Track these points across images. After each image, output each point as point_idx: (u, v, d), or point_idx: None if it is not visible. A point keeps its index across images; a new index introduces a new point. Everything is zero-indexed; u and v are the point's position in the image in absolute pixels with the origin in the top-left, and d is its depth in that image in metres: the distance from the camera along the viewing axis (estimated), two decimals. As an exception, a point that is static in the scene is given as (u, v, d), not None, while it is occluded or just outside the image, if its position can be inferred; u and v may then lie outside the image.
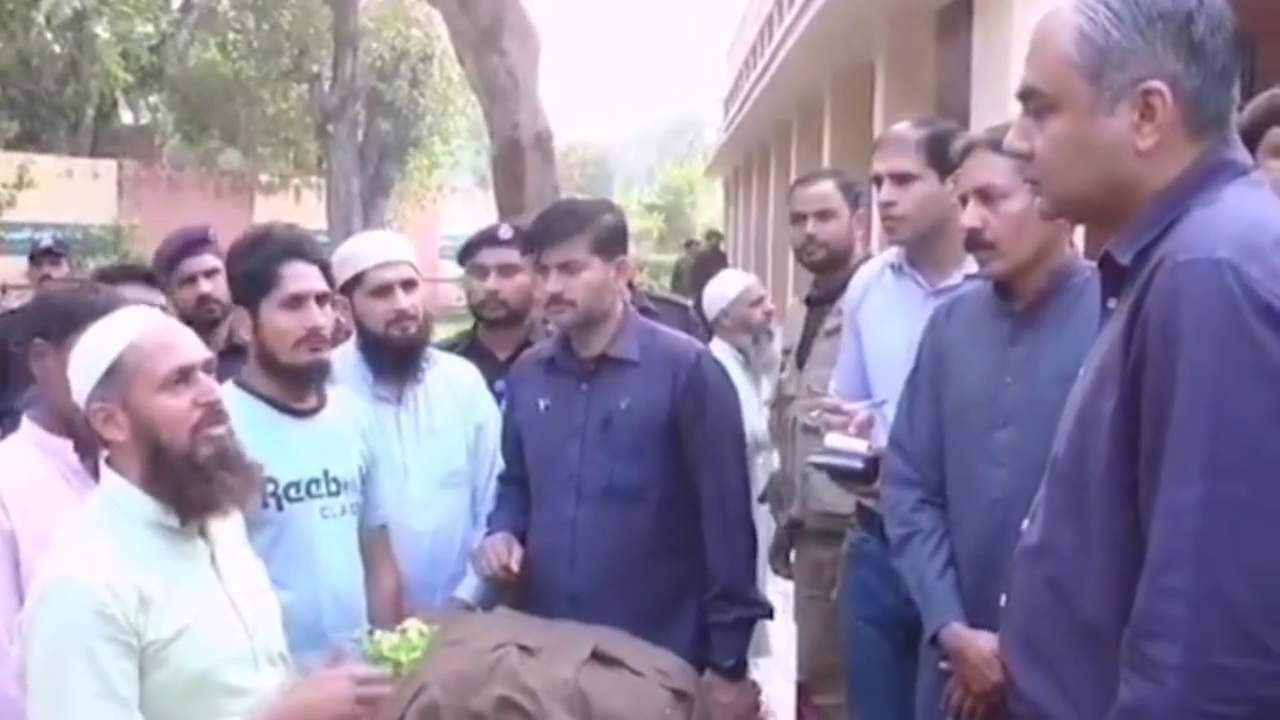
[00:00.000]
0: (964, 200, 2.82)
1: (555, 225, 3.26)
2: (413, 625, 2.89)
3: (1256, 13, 1.69)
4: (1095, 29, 1.78)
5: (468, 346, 4.04)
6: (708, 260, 19.24)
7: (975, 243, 2.79)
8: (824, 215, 4.14)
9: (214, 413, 2.35)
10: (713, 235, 24.93)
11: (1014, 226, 2.71)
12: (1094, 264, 2.01)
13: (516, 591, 3.32)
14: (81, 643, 2.15)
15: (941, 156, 3.23)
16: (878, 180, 3.39)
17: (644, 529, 3.21)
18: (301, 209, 25.45)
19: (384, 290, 3.43)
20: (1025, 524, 2.02)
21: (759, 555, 3.49)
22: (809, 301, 4.34)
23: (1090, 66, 1.78)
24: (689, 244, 25.66)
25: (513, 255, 3.89)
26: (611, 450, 3.22)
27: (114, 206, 23.99)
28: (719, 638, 3.21)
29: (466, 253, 4.04)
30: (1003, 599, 2.09)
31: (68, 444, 2.73)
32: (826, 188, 4.19)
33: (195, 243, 4.28)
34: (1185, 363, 1.63)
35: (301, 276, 3.05)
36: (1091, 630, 1.81)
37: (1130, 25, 1.76)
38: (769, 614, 3.41)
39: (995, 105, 8.25)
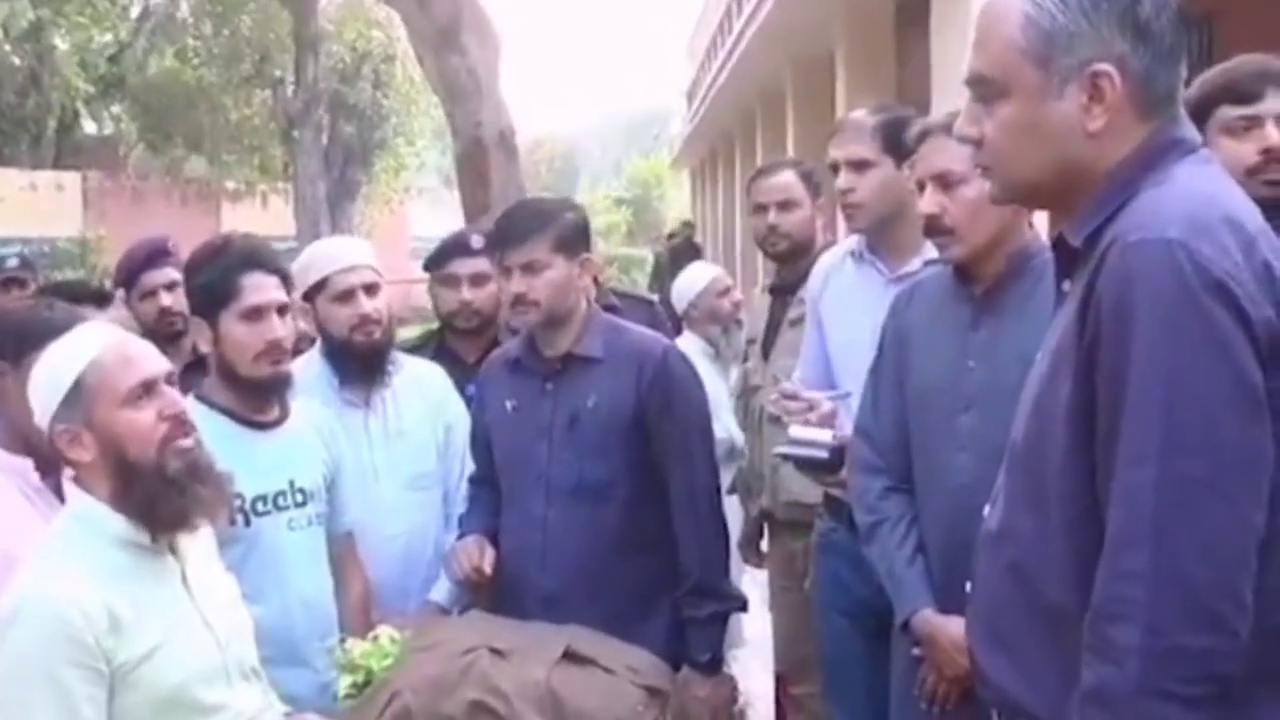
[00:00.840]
0: (921, 186, 2.82)
1: (517, 226, 3.25)
2: (384, 632, 2.89)
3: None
4: (1041, 13, 1.77)
5: (435, 350, 4.02)
6: (680, 252, 18.85)
7: (934, 229, 2.79)
8: (785, 205, 4.12)
9: (180, 424, 2.34)
10: (686, 225, 24.58)
11: (972, 211, 2.71)
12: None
13: (490, 593, 3.31)
14: (47, 668, 2.14)
15: (898, 142, 3.23)
16: (835, 168, 3.39)
17: (615, 526, 3.21)
18: (269, 215, 25.36)
19: (347, 295, 3.41)
20: (986, 509, 2.02)
21: (730, 548, 3.49)
22: (773, 291, 4.34)
23: (1037, 51, 1.78)
24: (670, 236, 25.45)
25: (484, 264, 3.84)
26: (579, 449, 3.21)
27: (79, 219, 23.83)
28: (694, 633, 3.21)
29: (436, 262, 4.00)
30: (968, 585, 2.09)
31: (28, 463, 2.71)
32: (787, 178, 4.18)
33: (155, 255, 4.25)
34: (1139, 342, 1.63)
35: (261, 288, 3.02)
36: (1054, 614, 1.81)
37: (1075, 8, 1.76)
38: (743, 607, 3.41)
39: (955, 92, 8.24)
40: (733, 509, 4.57)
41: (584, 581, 3.17)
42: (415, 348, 4.05)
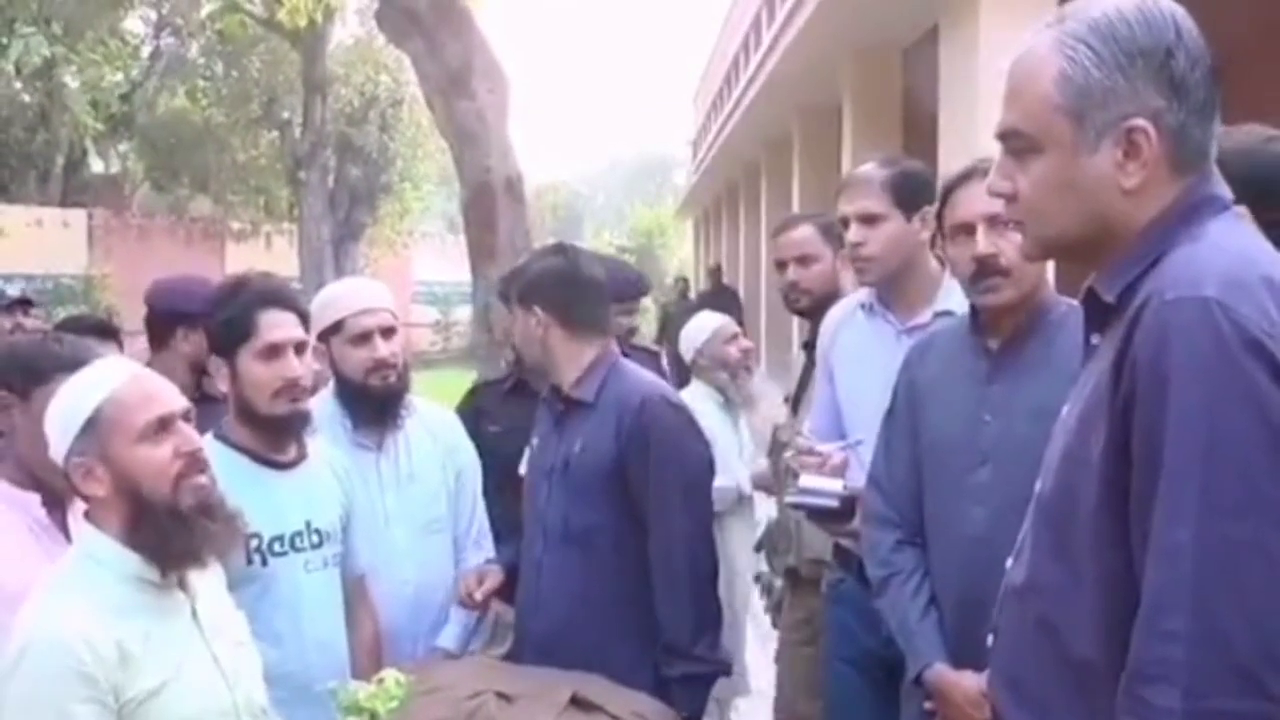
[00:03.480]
0: (959, 231, 2.80)
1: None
2: (389, 675, 2.86)
3: (1216, 45, 1.69)
4: (1076, 69, 1.76)
5: (514, 385, 4.13)
6: (710, 300, 17.45)
7: (989, 269, 2.74)
8: (804, 260, 4.08)
9: (196, 462, 2.33)
10: (717, 270, 23.81)
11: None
12: (1070, 301, 1.98)
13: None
14: (56, 704, 2.12)
15: (907, 195, 3.24)
16: (845, 222, 3.38)
17: (600, 575, 3.17)
18: (273, 256, 25.37)
19: (363, 338, 3.39)
20: (1009, 563, 2.00)
21: (717, 608, 3.30)
22: (805, 347, 4.29)
23: (1073, 106, 1.76)
24: (677, 281, 25.13)
25: None
26: (569, 493, 3.21)
27: (84, 256, 23.84)
28: (672, 690, 3.11)
29: None
30: (989, 639, 2.06)
31: (35, 497, 2.69)
32: (806, 232, 4.13)
33: None
34: (1176, 402, 1.61)
35: (279, 325, 3.00)
36: (1081, 670, 1.78)
37: (1111, 63, 1.74)
38: (726, 671, 3.31)
39: (962, 142, 8.29)
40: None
41: (570, 628, 3.15)
42: (490, 384, 4.41)
